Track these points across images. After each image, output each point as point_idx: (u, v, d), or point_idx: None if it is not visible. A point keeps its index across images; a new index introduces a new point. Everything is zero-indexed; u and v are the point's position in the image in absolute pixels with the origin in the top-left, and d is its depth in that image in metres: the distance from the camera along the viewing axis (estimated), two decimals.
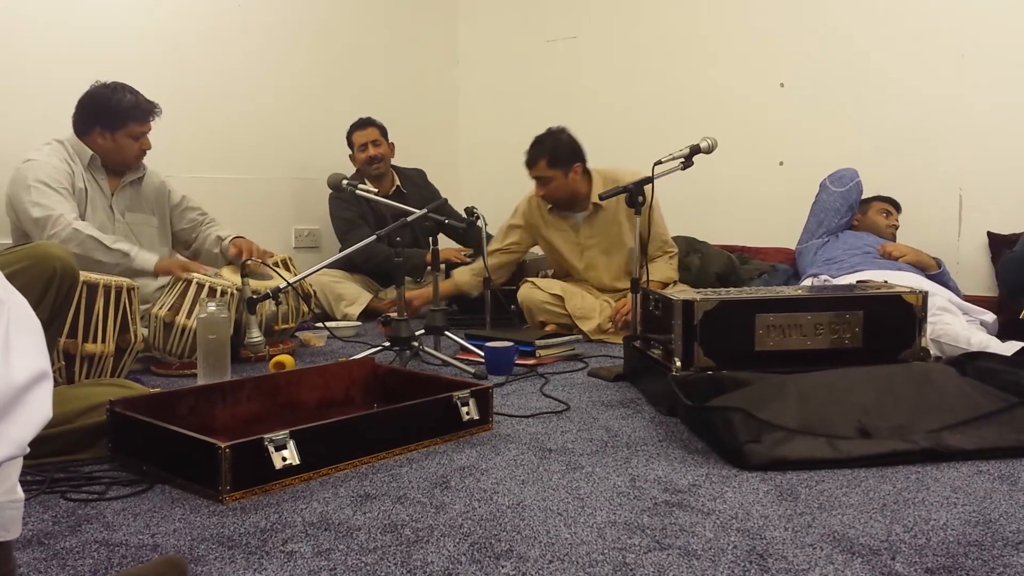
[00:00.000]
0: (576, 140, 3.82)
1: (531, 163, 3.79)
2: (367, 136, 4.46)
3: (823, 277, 3.57)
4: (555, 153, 3.75)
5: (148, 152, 3.34)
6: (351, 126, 4.53)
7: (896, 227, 3.94)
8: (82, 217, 3.14)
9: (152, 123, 3.29)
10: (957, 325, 3.11)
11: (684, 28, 4.77)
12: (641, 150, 3.69)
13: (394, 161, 4.62)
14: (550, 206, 3.90)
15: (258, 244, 3.49)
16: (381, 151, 4.47)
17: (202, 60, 4.25)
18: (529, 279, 3.92)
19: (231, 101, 4.39)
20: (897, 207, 3.97)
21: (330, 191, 3.43)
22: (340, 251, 4.34)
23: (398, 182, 4.58)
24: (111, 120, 3.20)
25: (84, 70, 3.32)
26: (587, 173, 3.84)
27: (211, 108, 4.29)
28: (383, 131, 4.53)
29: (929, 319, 2.76)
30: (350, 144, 4.54)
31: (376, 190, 3.45)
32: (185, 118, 3.94)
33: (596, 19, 5.07)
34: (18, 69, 3.56)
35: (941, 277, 3.63)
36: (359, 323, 3.97)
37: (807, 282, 3.67)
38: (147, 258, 3.18)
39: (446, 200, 4.07)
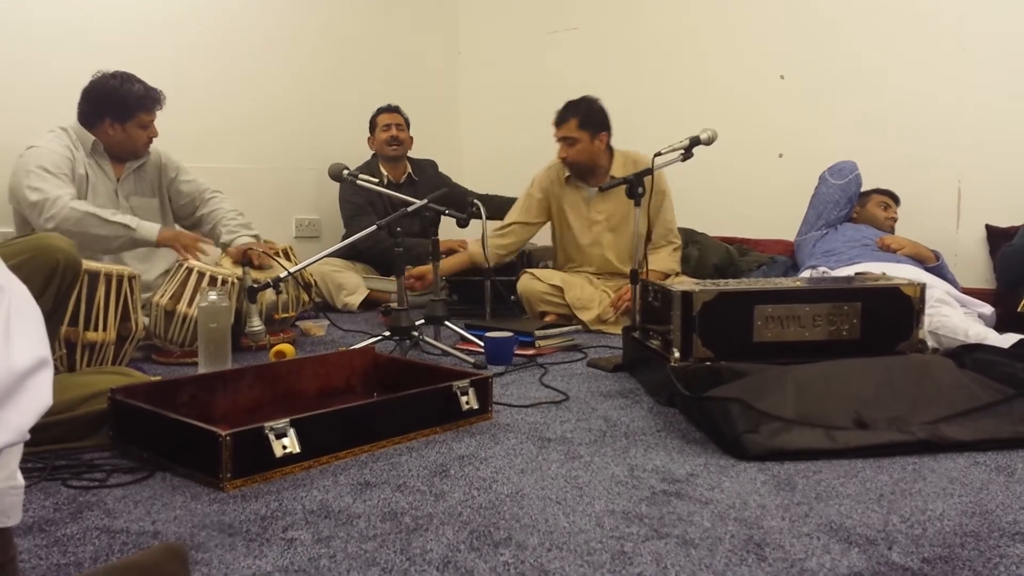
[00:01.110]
0: (605, 110, 3.85)
1: (561, 121, 3.80)
2: (392, 119, 4.62)
3: (821, 269, 3.58)
4: (588, 115, 3.77)
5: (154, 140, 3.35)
6: (378, 109, 4.65)
7: (895, 220, 3.94)
8: None
9: (158, 111, 3.30)
10: (955, 317, 3.12)
11: (685, 19, 4.76)
12: (642, 141, 3.71)
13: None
14: (567, 175, 3.91)
15: (260, 234, 3.49)
16: (404, 136, 4.63)
17: (204, 51, 4.25)
18: (528, 270, 3.92)
19: (233, 91, 4.39)
20: (896, 200, 3.97)
21: (332, 180, 3.43)
22: (343, 237, 4.38)
23: (410, 170, 4.67)
24: (121, 111, 3.20)
25: (86, 61, 3.32)
26: (610, 149, 3.87)
27: (213, 98, 4.29)
28: (407, 122, 4.68)
29: (927, 311, 2.77)
30: (372, 126, 4.65)
31: (378, 180, 3.45)
32: (187, 108, 3.93)
33: (597, 11, 5.06)
34: (21, 60, 3.56)
35: (939, 270, 3.63)
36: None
37: (806, 274, 3.68)
38: (149, 229, 3.15)
39: (448, 190, 4.07)
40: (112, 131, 3.21)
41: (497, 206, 4.35)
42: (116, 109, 3.20)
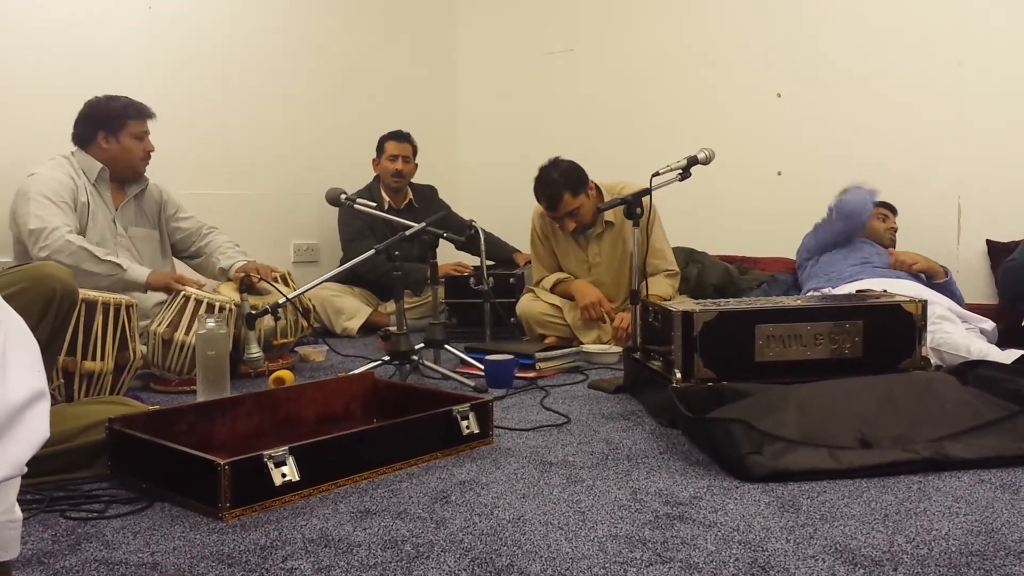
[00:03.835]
0: (574, 162, 3.73)
1: (555, 203, 3.63)
2: (401, 149, 4.56)
3: (824, 289, 3.57)
4: (572, 181, 3.64)
5: (151, 161, 3.36)
6: (388, 133, 4.60)
7: (895, 230, 3.95)
8: (83, 231, 3.16)
9: (149, 123, 3.32)
10: (957, 334, 3.11)
11: (681, 39, 4.78)
12: (639, 162, 3.70)
13: None
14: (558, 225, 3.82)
15: (258, 260, 3.49)
16: (408, 168, 4.58)
17: (202, 77, 4.26)
18: (531, 289, 3.92)
19: (231, 117, 4.40)
20: (893, 211, 3.98)
21: (330, 205, 3.44)
22: (341, 260, 4.38)
23: (411, 196, 4.66)
24: (111, 123, 3.25)
25: (85, 88, 3.34)
26: (596, 188, 3.78)
27: (211, 124, 4.30)
28: (415, 151, 4.63)
29: (929, 328, 2.76)
30: (379, 149, 4.60)
31: (376, 205, 3.46)
32: (185, 135, 3.95)
33: (593, 32, 5.09)
34: (20, 87, 3.58)
35: (948, 286, 3.61)
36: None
37: (808, 293, 3.67)
38: (139, 271, 3.17)
39: (445, 214, 4.07)
40: (107, 144, 3.24)
41: (493, 245, 4.34)
42: (106, 122, 3.25)
